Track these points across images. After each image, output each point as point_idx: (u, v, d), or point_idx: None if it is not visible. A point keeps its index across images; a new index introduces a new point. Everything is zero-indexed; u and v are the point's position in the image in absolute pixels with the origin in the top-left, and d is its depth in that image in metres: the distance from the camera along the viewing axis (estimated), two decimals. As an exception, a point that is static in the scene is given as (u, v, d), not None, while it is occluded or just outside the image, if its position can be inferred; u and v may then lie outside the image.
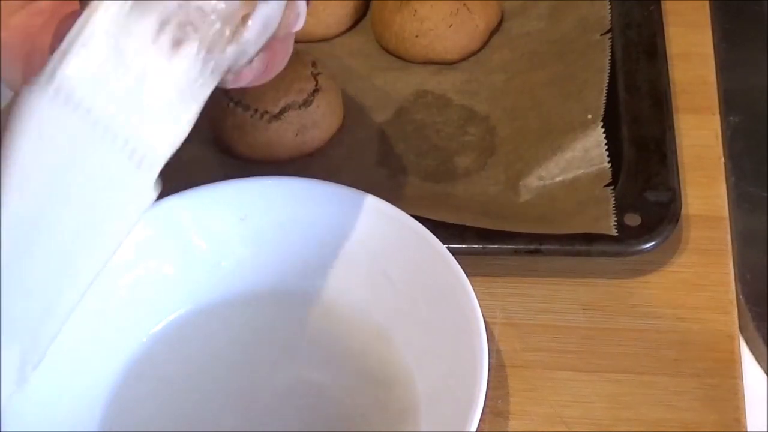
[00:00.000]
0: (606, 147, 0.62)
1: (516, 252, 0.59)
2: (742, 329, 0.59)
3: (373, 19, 0.73)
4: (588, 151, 0.62)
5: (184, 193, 0.56)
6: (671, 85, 0.67)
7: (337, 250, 0.57)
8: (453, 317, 0.53)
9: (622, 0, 0.70)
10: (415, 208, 0.57)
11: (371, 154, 0.66)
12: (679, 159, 0.63)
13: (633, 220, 0.59)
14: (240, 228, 0.58)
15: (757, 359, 0.59)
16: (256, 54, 0.42)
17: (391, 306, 0.56)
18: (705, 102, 0.68)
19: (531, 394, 0.56)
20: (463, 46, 0.70)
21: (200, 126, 0.67)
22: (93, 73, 0.40)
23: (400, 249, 0.55)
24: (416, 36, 0.70)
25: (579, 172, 0.62)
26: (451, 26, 0.69)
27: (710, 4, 0.73)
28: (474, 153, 0.65)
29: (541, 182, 0.62)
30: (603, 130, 0.62)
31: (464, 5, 0.70)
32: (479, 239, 0.59)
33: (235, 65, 0.41)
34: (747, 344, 0.59)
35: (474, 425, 0.48)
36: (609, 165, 0.61)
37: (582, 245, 0.59)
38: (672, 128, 0.64)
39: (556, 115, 0.65)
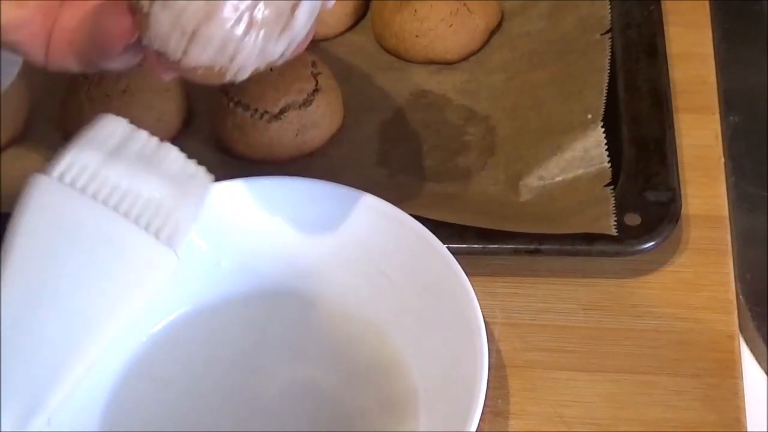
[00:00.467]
0: (606, 147, 0.62)
1: (516, 252, 0.59)
2: (742, 329, 0.59)
3: (373, 19, 0.73)
4: (588, 151, 0.62)
5: (184, 193, 0.56)
6: (671, 85, 0.67)
7: (337, 250, 0.57)
8: (453, 317, 0.53)
9: (622, 0, 0.70)
10: (415, 208, 0.57)
11: (371, 154, 0.66)
12: (679, 159, 0.63)
13: (633, 220, 0.59)
14: (240, 228, 0.58)
15: (757, 359, 0.59)
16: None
17: (391, 306, 0.56)
18: (705, 102, 0.68)
19: (531, 394, 0.56)
20: (463, 46, 0.70)
21: (200, 126, 0.68)
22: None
23: (400, 249, 0.55)
24: (416, 36, 0.70)
25: (579, 172, 0.62)
26: (451, 26, 0.69)
27: (710, 4, 0.73)
28: (474, 153, 0.65)
29: (541, 182, 0.62)
30: (603, 130, 0.62)
31: (464, 5, 0.70)
32: (479, 239, 0.59)
33: (286, 51, 0.44)
34: (747, 344, 0.59)
35: (474, 425, 0.48)
36: (609, 165, 0.61)
37: (582, 245, 0.59)
38: (672, 128, 0.64)
39: (556, 115, 0.65)
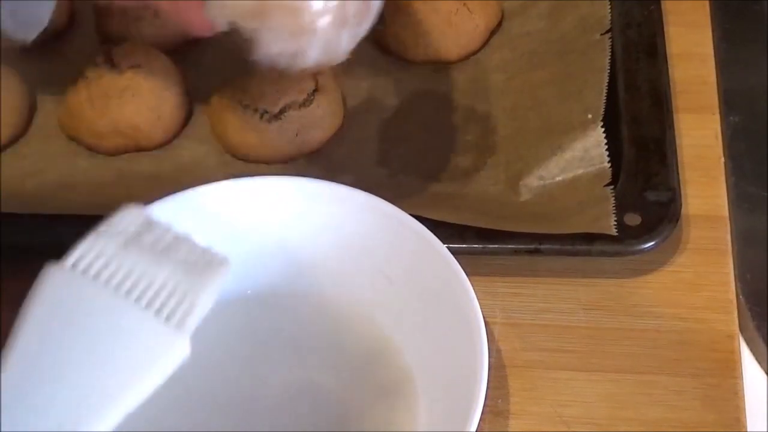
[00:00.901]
0: (606, 147, 0.62)
1: (516, 252, 0.59)
2: (742, 329, 0.59)
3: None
4: (588, 151, 0.62)
5: (185, 193, 0.56)
6: (671, 85, 0.67)
7: (337, 250, 0.57)
8: (453, 317, 0.52)
9: (622, 0, 0.70)
10: (415, 208, 0.57)
11: (371, 154, 0.66)
12: (679, 159, 0.63)
13: (633, 220, 0.59)
14: (240, 228, 0.58)
15: (757, 359, 0.59)
16: None
17: (391, 305, 0.56)
18: (705, 102, 0.68)
19: (531, 394, 0.56)
20: (463, 46, 0.70)
21: (200, 126, 0.68)
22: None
23: (400, 248, 0.55)
24: (416, 36, 0.70)
25: (579, 172, 0.62)
26: (451, 26, 0.69)
27: (710, 4, 0.73)
28: (474, 153, 0.65)
29: (541, 182, 0.62)
30: (603, 130, 0.62)
31: (464, 5, 0.70)
32: (479, 239, 0.59)
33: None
34: (747, 344, 0.59)
35: (474, 425, 0.48)
36: (609, 165, 0.61)
37: (582, 245, 0.59)
38: (672, 128, 0.64)
39: (556, 115, 0.65)
